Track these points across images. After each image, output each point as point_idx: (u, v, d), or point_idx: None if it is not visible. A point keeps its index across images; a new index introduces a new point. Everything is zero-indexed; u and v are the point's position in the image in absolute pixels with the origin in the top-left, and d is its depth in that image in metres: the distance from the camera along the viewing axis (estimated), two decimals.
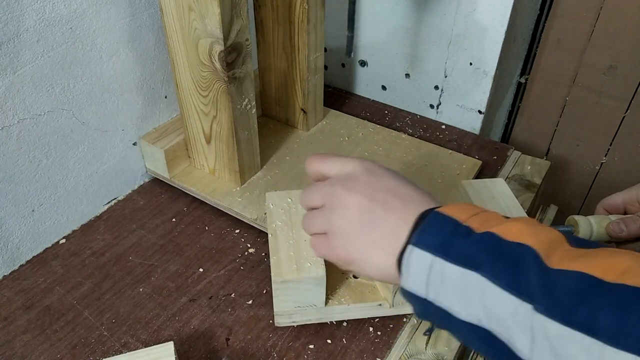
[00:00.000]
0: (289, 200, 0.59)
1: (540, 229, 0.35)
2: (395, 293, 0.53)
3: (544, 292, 0.31)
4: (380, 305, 0.54)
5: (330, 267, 0.50)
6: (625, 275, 0.30)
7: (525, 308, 0.31)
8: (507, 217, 0.37)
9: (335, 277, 0.56)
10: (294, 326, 0.56)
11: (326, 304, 0.54)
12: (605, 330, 0.28)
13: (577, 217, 0.59)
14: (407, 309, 0.55)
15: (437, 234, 0.36)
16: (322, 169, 0.46)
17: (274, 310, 0.54)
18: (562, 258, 0.32)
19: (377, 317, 0.57)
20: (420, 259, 0.36)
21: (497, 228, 0.35)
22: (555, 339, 0.30)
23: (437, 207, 0.39)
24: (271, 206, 0.58)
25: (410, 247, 0.37)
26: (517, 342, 0.32)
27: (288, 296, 0.52)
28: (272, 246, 0.54)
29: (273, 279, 0.51)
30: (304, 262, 0.52)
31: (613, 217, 0.58)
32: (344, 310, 0.55)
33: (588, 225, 0.58)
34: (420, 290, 0.36)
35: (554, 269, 0.32)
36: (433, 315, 0.37)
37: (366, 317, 0.56)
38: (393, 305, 0.54)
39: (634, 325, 0.28)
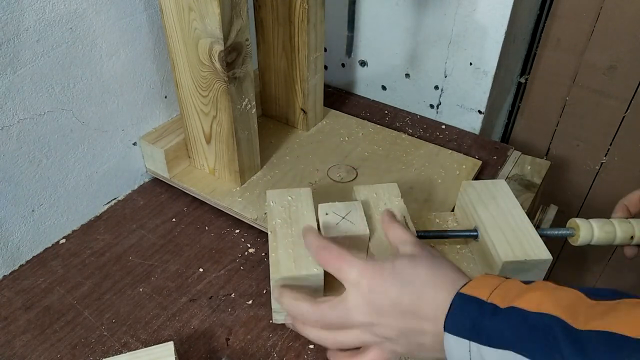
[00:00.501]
0: (290, 198, 0.59)
1: (560, 292, 0.37)
2: None
3: (576, 357, 0.32)
4: None
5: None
6: None
7: None
8: (526, 283, 0.38)
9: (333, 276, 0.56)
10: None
11: None
12: None
13: (578, 221, 0.59)
14: None
15: (466, 318, 0.38)
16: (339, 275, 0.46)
17: (272, 307, 0.53)
18: (588, 318, 0.33)
19: None
20: (458, 346, 0.38)
21: (519, 301, 0.36)
22: None
23: (461, 287, 0.40)
24: (272, 204, 0.58)
25: (445, 335, 0.38)
26: None
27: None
28: (271, 243, 0.54)
29: (271, 275, 0.50)
30: (302, 260, 0.51)
31: (615, 221, 0.58)
32: None
33: (589, 229, 0.58)
34: None
35: (583, 331, 0.33)
36: None
37: None
38: None
39: None
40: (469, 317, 0.37)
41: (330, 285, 0.55)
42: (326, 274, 0.51)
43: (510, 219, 0.58)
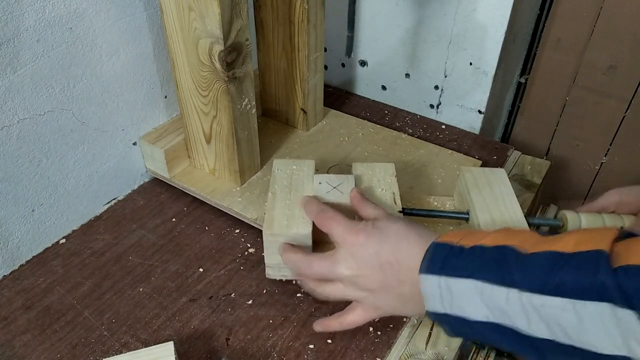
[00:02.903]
0: (294, 167, 0.64)
1: (516, 231, 0.44)
2: None
3: (522, 274, 0.39)
4: None
5: (318, 230, 0.54)
6: (578, 245, 0.38)
7: (513, 292, 0.39)
8: (492, 231, 0.45)
9: (322, 239, 0.58)
10: (294, 325, 0.56)
11: None
12: (571, 289, 0.36)
13: (567, 213, 0.60)
14: None
15: (437, 259, 0.44)
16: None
17: (265, 261, 0.57)
18: (533, 245, 0.40)
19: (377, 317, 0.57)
20: (430, 283, 0.43)
21: (481, 241, 0.43)
22: (540, 308, 0.38)
23: (435, 239, 0.46)
24: (276, 171, 0.63)
25: (420, 276, 0.44)
26: (518, 323, 0.39)
27: (277, 249, 0.56)
28: (269, 205, 0.58)
29: (264, 231, 0.55)
30: (294, 220, 0.56)
31: (606, 216, 0.58)
32: None
33: (577, 220, 0.59)
34: (439, 308, 0.43)
35: (527, 254, 0.40)
36: (456, 326, 0.43)
37: None
38: None
39: (591, 281, 0.35)
40: (439, 258, 0.44)
41: (321, 248, 0.57)
42: (315, 242, 0.56)
43: (502, 204, 0.59)
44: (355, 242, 0.48)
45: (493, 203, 0.60)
